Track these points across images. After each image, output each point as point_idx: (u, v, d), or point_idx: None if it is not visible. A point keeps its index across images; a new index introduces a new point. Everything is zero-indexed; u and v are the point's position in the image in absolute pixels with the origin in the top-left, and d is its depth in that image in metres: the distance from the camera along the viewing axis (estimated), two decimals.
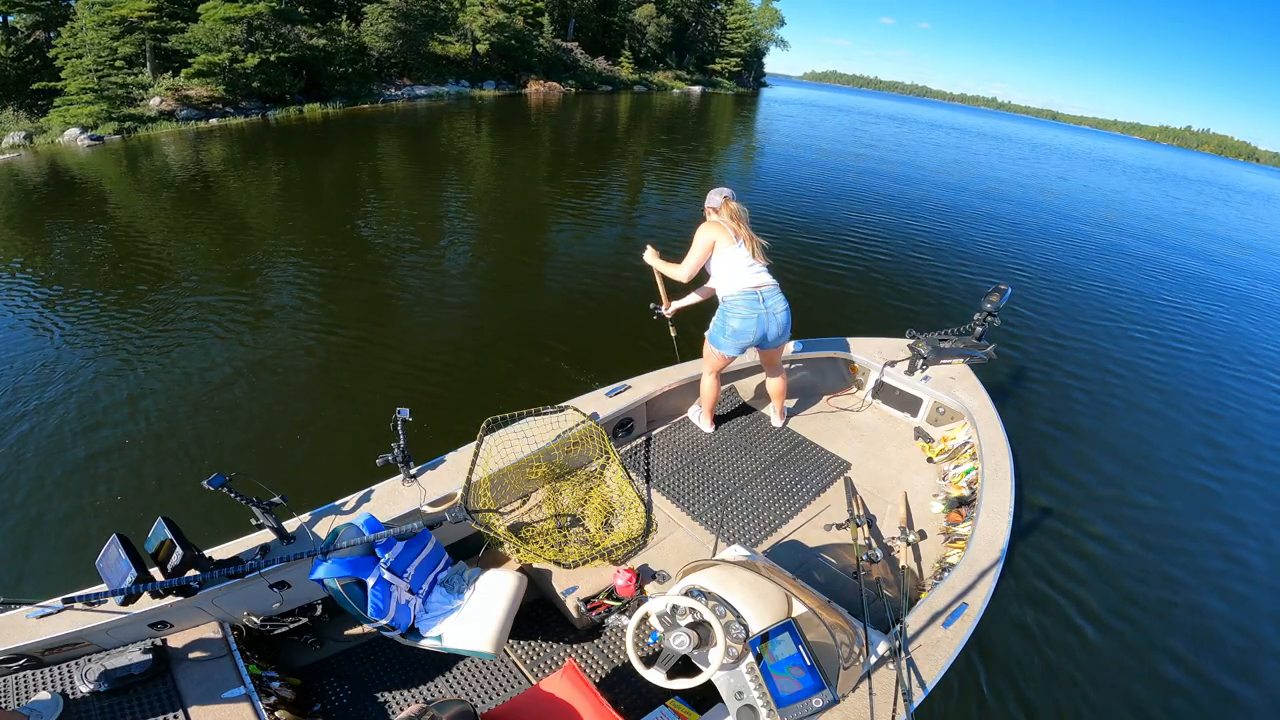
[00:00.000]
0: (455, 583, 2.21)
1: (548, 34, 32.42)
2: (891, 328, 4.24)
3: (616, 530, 2.70)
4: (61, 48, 15.53)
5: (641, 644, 2.25)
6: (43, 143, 13.66)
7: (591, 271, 7.12)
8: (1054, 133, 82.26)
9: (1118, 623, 3.11)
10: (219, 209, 8.79)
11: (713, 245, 2.88)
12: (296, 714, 2.00)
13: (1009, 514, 2.53)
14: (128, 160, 12.35)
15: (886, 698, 1.77)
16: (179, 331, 5.19)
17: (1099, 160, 37.12)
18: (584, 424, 2.92)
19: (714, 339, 3.03)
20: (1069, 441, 4.61)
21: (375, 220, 8.64)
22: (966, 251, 9.49)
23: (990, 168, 21.91)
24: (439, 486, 2.49)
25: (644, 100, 32.67)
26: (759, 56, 57.16)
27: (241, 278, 6.41)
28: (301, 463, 3.73)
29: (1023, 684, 2.72)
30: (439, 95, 25.05)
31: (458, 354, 5.07)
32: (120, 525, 2.42)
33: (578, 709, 1.75)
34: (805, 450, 3.31)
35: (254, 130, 16.05)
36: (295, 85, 19.52)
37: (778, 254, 3.22)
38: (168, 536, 1.81)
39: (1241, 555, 3.68)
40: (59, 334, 5.08)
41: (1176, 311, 8.09)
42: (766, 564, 2.10)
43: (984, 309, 3.50)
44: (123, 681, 1.84)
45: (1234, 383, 6.10)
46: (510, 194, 10.95)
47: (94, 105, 14.52)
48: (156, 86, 16.86)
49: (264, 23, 18.37)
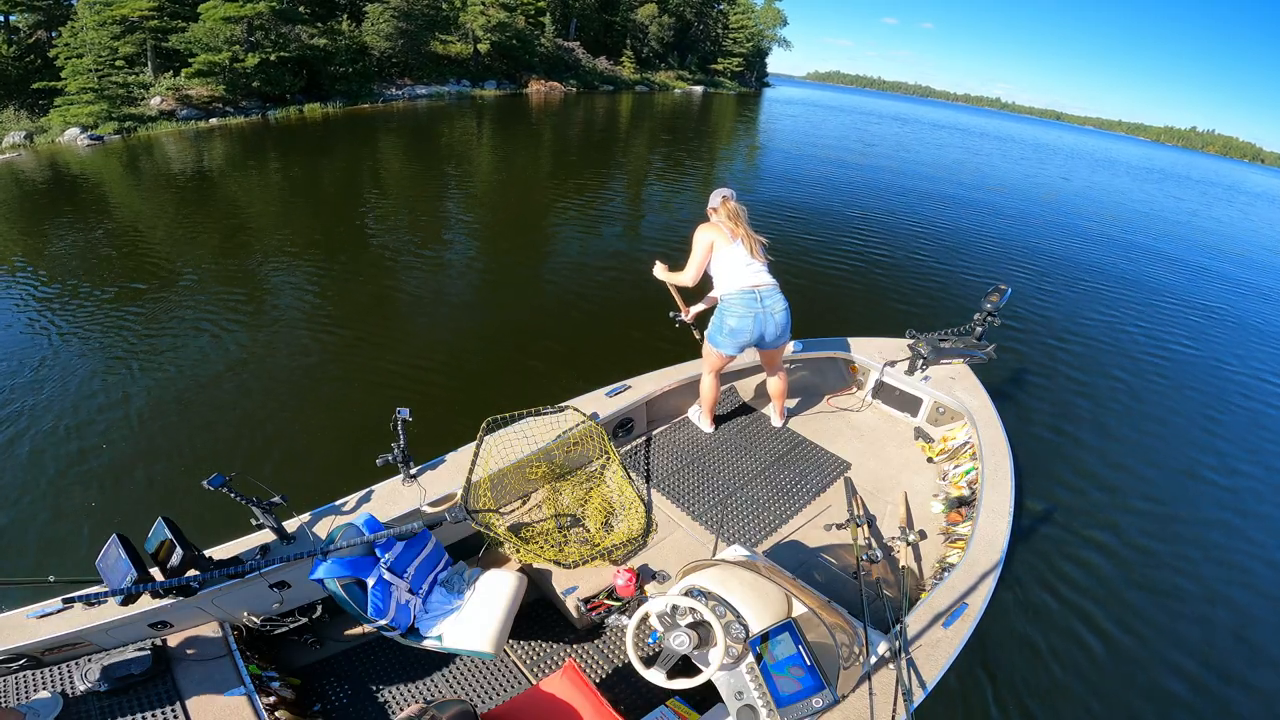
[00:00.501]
0: (455, 583, 2.21)
1: (549, 34, 32.39)
2: (891, 328, 4.23)
3: (616, 530, 2.70)
4: (62, 47, 15.54)
5: (641, 644, 2.25)
6: (43, 142, 13.68)
7: (592, 271, 7.12)
8: (1058, 133, 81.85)
9: (1117, 622, 3.10)
10: (218, 208, 8.80)
11: (711, 246, 2.88)
12: (296, 714, 2.00)
13: (1009, 514, 2.53)
14: (127, 160, 12.37)
15: (886, 698, 1.77)
16: (177, 331, 5.19)
17: (1102, 161, 37.02)
18: (584, 424, 2.92)
19: (712, 338, 3.03)
20: (1069, 441, 4.61)
21: (375, 220, 8.65)
22: (967, 251, 9.49)
23: (993, 168, 21.90)
24: (439, 486, 2.49)
25: (645, 100, 32.66)
26: (761, 56, 56.85)
27: (241, 278, 6.41)
28: (301, 463, 3.73)
29: (1023, 684, 2.72)
30: (440, 95, 25.03)
31: (458, 354, 5.06)
32: (120, 525, 2.42)
33: (578, 709, 1.75)
34: (805, 450, 3.31)
35: (254, 130, 16.06)
36: (295, 85, 19.53)
37: (778, 254, 3.22)
38: (168, 536, 1.82)
39: (1239, 560, 3.68)
40: (55, 332, 5.09)
41: (1178, 312, 8.08)
42: (766, 564, 2.09)
43: (984, 309, 3.50)
44: (123, 681, 1.84)
45: (1236, 383, 6.09)
46: (510, 194, 10.96)
47: (94, 105, 14.54)
48: (157, 86, 16.88)
49: (264, 22, 18.37)
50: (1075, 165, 29.68)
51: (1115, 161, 39.16)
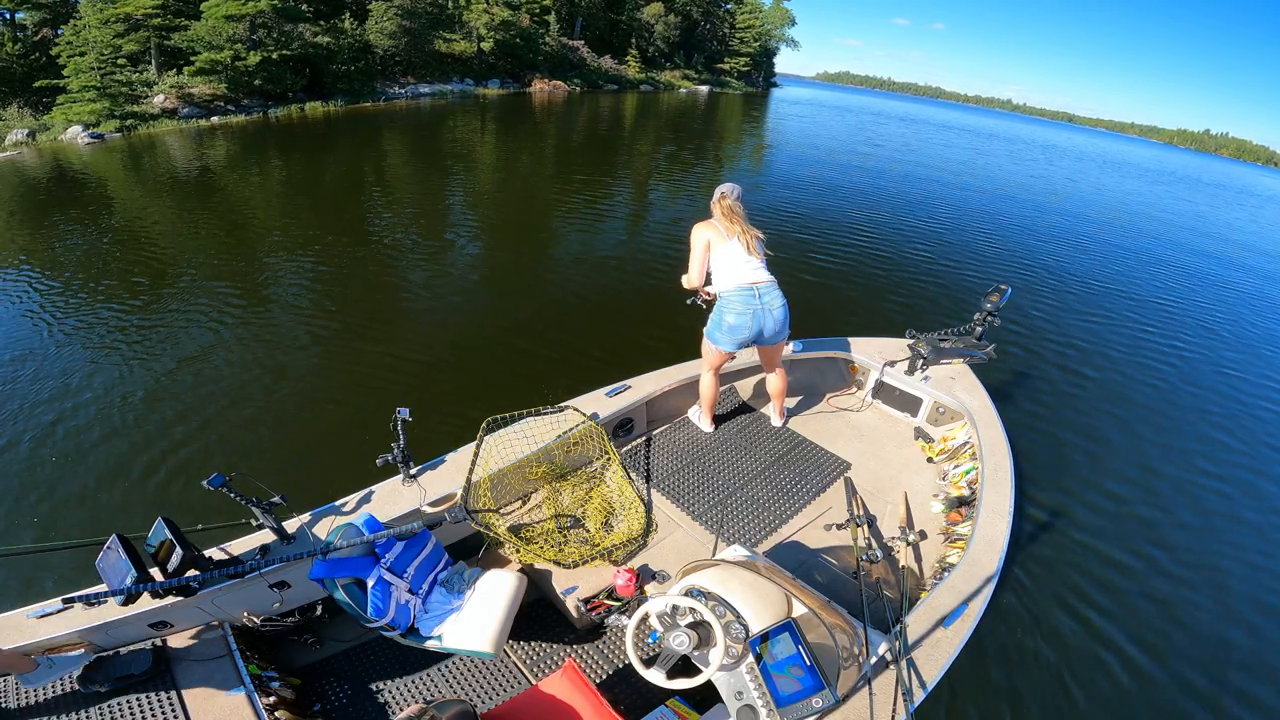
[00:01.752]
0: (455, 583, 2.21)
1: (554, 32, 32.33)
2: (891, 328, 4.23)
3: (616, 530, 2.70)
4: (64, 45, 15.52)
5: (641, 644, 2.25)
6: (45, 140, 13.67)
7: (592, 271, 7.12)
8: (1069, 135, 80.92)
9: (1118, 622, 3.10)
10: (217, 207, 8.80)
11: (708, 244, 2.88)
12: (296, 714, 2.00)
13: (1009, 514, 2.53)
14: (127, 158, 12.36)
15: (886, 698, 1.77)
16: (176, 329, 5.19)
17: (1112, 163, 36.70)
18: (584, 424, 2.92)
19: (711, 335, 3.03)
20: (1069, 441, 4.60)
21: (375, 219, 8.64)
22: (968, 251, 9.48)
23: (999, 169, 21.81)
24: (439, 486, 2.49)
25: (649, 100, 32.57)
26: (769, 56, 56.23)
27: (240, 275, 6.41)
28: (301, 463, 3.73)
29: (1023, 684, 2.72)
30: (443, 94, 24.96)
31: (458, 354, 5.07)
32: (120, 525, 2.42)
33: (578, 709, 1.75)
34: (805, 450, 3.31)
35: (254, 128, 16.06)
36: (297, 83, 19.49)
37: (780, 253, 3.21)
38: (168, 536, 1.82)
39: (1239, 559, 3.68)
40: (55, 330, 5.10)
41: (1180, 312, 8.07)
42: (766, 564, 2.09)
43: (984, 309, 3.50)
44: (123, 681, 1.84)
45: (1237, 384, 6.08)
46: (512, 193, 10.95)
47: (96, 103, 14.53)
48: (161, 84, 16.87)
49: (266, 20, 18.34)
50: (1084, 167, 29.49)
51: (1125, 163, 38.81)
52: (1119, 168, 33.77)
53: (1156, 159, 56.97)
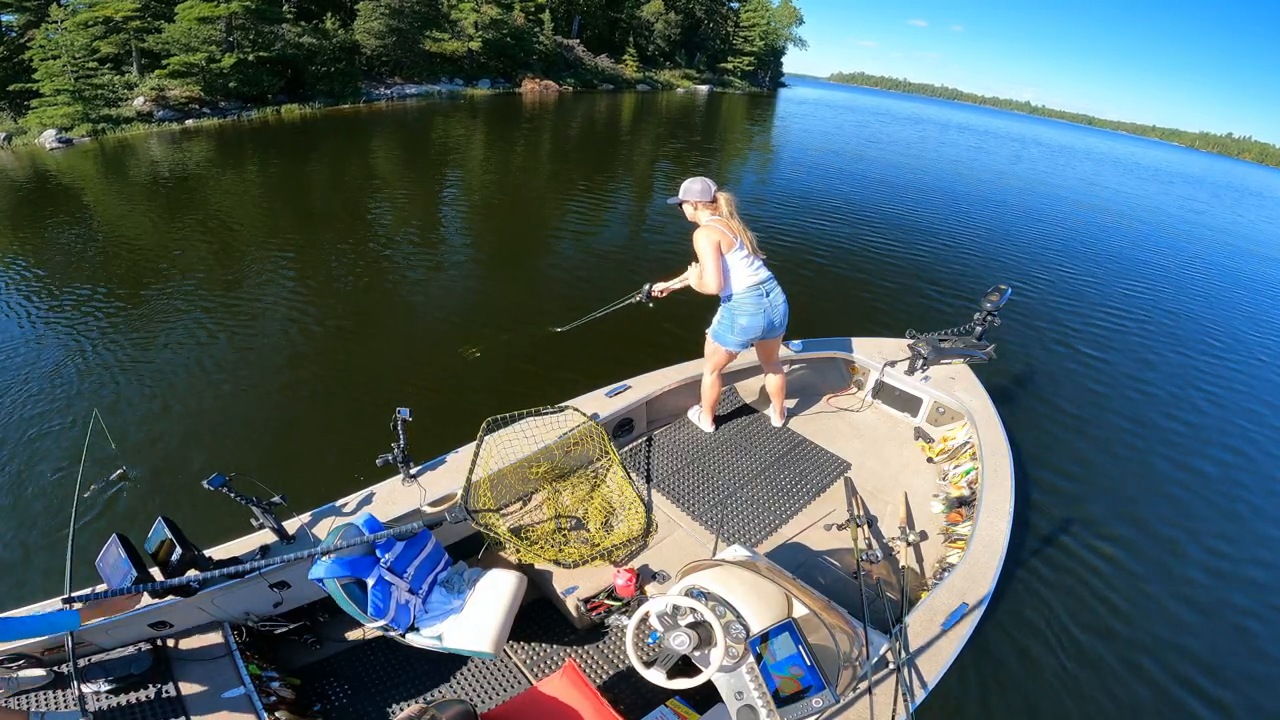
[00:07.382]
0: (455, 583, 2.20)
1: (548, 31, 32.11)
2: (891, 328, 4.23)
3: (616, 530, 2.70)
4: (36, 49, 15.07)
5: (641, 644, 2.25)
6: (20, 144, 13.44)
7: (590, 271, 7.11)
8: (1088, 138, 79.48)
9: (1118, 622, 3.10)
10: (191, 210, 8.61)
11: (718, 245, 2.86)
12: (296, 714, 2.00)
13: (1009, 514, 2.53)
14: (95, 162, 12.12)
15: (886, 698, 1.77)
16: (170, 331, 5.17)
17: (1130, 166, 36.13)
18: (584, 424, 2.92)
19: (719, 336, 3.02)
20: (1069, 441, 4.61)
21: (375, 217, 8.64)
22: (968, 252, 9.48)
23: (1010, 171, 21.70)
24: (439, 486, 2.49)
25: (646, 100, 32.27)
26: (776, 56, 55.06)
27: (232, 278, 6.40)
28: (301, 463, 3.73)
29: (1023, 684, 2.72)
30: (430, 94, 24.46)
31: (458, 354, 5.06)
32: (120, 525, 2.42)
33: (578, 709, 1.75)
34: (805, 450, 3.31)
35: (228, 131, 15.69)
36: (275, 85, 19.00)
37: (779, 252, 3.21)
38: (168, 536, 1.82)
39: (1241, 560, 3.68)
40: (44, 328, 5.10)
41: (1181, 313, 8.07)
42: (767, 564, 2.09)
43: (984, 309, 3.50)
44: (123, 681, 1.84)
45: (1238, 383, 6.09)
46: (507, 194, 10.95)
47: (70, 106, 14.22)
48: (142, 86, 16.68)
49: (242, 22, 18.03)
50: (1101, 169, 29.08)
51: (1142, 166, 38.10)
52: (1136, 170, 33.06)
53: (1179, 162, 55.56)
